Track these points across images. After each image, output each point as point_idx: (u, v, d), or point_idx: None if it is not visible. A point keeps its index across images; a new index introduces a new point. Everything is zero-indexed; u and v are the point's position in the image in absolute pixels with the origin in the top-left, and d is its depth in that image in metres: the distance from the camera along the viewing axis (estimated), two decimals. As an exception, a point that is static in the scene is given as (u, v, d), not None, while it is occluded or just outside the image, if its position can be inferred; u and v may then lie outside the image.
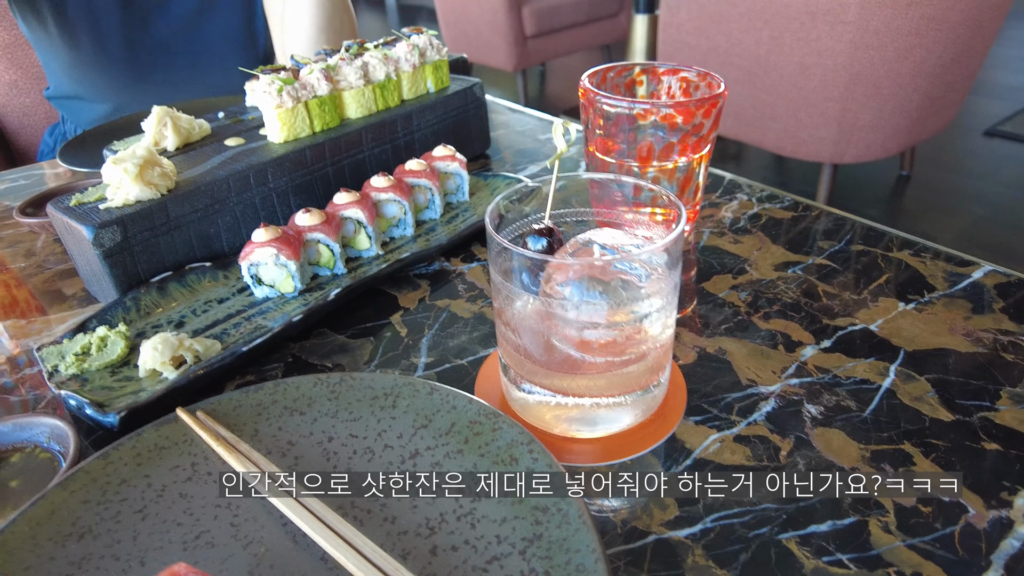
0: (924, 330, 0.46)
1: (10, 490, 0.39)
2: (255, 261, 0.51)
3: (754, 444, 0.38)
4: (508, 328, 0.38)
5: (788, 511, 0.34)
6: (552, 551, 0.30)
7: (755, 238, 0.59)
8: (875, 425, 0.39)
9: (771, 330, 0.47)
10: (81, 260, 0.56)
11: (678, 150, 0.54)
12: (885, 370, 0.43)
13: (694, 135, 0.53)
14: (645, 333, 0.37)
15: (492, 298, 0.40)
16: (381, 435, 0.37)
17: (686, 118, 0.52)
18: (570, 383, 0.38)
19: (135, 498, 0.35)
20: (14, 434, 0.42)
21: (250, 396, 0.40)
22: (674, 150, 0.54)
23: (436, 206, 0.63)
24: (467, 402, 0.38)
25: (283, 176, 0.60)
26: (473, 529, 0.32)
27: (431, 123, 0.72)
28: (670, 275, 0.36)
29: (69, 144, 0.88)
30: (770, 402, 0.41)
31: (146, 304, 0.53)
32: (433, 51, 0.74)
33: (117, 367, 0.47)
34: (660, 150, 0.54)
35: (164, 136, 0.64)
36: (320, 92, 0.64)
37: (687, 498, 0.35)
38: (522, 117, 0.93)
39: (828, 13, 1.89)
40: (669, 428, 0.39)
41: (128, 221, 0.52)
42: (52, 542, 0.33)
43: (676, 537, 0.33)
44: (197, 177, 0.56)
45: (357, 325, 0.51)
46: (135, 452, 0.37)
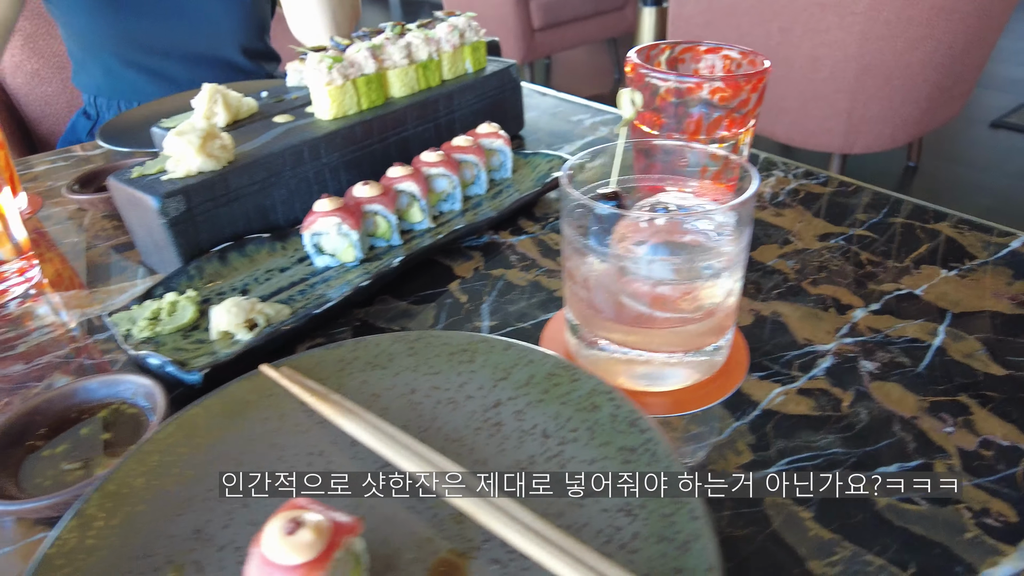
0: (968, 294, 0.48)
1: (104, 442, 0.41)
2: (318, 230, 0.53)
3: (816, 396, 0.40)
4: (580, 286, 0.40)
5: (856, 455, 0.36)
6: (645, 486, 0.31)
7: (795, 211, 0.61)
8: (930, 379, 0.41)
9: (821, 295, 0.49)
10: (141, 231, 0.57)
11: (724, 125, 0.55)
12: (934, 330, 0.45)
13: (740, 111, 0.55)
14: (714, 291, 0.38)
15: (563, 258, 0.41)
16: (462, 387, 0.39)
17: (734, 92, 0.53)
18: (641, 339, 0.40)
19: (229, 446, 0.37)
20: (101, 391, 0.43)
21: (331, 352, 0.41)
22: (720, 125, 0.56)
23: (482, 182, 0.65)
24: (543, 356, 0.39)
25: (334, 152, 0.62)
26: (563, 468, 0.34)
27: (470, 103, 0.74)
28: (740, 235, 0.38)
29: (106, 126, 0.89)
30: (827, 359, 0.43)
31: (209, 272, 0.54)
32: (472, 32, 0.75)
33: (188, 331, 0.49)
34: (707, 125, 0.55)
35: (215, 112, 0.65)
36: (367, 70, 0.65)
37: (759, 443, 0.37)
38: (553, 100, 0.95)
39: (838, 4, 1.91)
40: (735, 383, 0.41)
41: (192, 191, 0.53)
42: (156, 486, 0.35)
43: (754, 478, 0.35)
44: (254, 151, 0.58)
45: (417, 293, 0.53)
46: (224, 405, 0.39)
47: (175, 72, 1.14)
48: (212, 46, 1.16)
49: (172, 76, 1.14)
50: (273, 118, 0.65)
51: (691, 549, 0.28)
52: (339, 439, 0.37)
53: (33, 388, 0.48)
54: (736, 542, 0.32)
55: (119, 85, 1.15)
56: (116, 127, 0.90)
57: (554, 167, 0.68)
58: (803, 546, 0.32)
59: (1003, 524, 0.32)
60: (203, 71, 1.15)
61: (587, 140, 0.81)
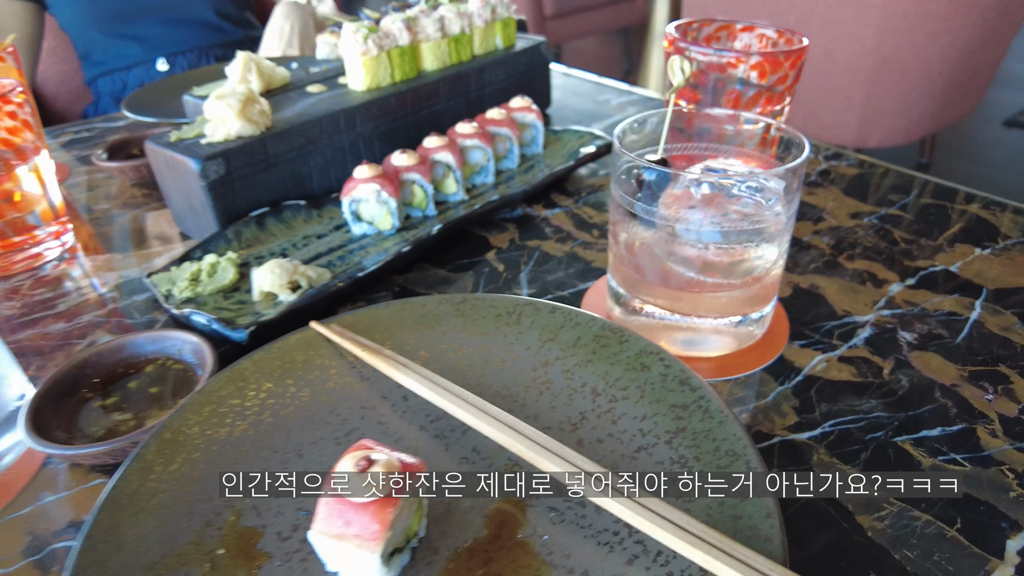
0: (1003, 271, 0.49)
1: (152, 395, 0.41)
2: (357, 197, 0.53)
3: (857, 363, 0.40)
4: (627, 251, 0.41)
5: (899, 419, 0.37)
6: (698, 440, 0.32)
7: (827, 191, 0.61)
8: (969, 350, 0.41)
9: (857, 269, 0.50)
10: (178, 195, 0.58)
11: (761, 102, 0.56)
12: (971, 304, 0.45)
13: (777, 88, 0.55)
14: (762, 257, 0.39)
15: (611, 223, 0.42)
16: (510, 347, 0.40)
17: (773, 68, 0.54)
18: (687, 304, 0.40)
19: (281, 399, 0.37)
20: (148, 346, 0.44)
21: (380, 311, 0.42)
22: (757, 102, 0.56)
23: (514, 156, 0.65)
24: (590, 319, 0.40)
25: (369, 122, 0.62)
26: (615, 424, 0.34)
27: (501, 78, 0.74)
28: (789, 202, 0.38)
29: (130, 98, 0.90)
30: (866, 329, 0.43)
31: (247, 237, 0.54)
32: (503, 8, 0.75)
33: (228, 292, 0.49)
34: (745, 101, 0.56)
35: (248, 80, 0.66)
36: (401, 42, 0.65)
37: (804, 407, 0.37)
38: (578, 81, 0.95)
39: (856, -4, 1.90)
40: (777, 350, 0.42)
41: (231, 155, 0.54)
42: (210, 435, 0.35)
43: (799, 439, 0.36)
44: (292, 117, 0.58)
45: (454, 261, 0.53)
46: (273, 359, 0.39)
47: (155, 34, 1.21)
48: (184, 7, 1.23)
49: (153, 38, 1.21)
50: (306, 88, 0.66)
51: (749, 498, 0.29)
52: (389, 394, 0.37)
53: (76, 345, 0.48)
54: (786, 497, 0.33)
55: (107, 56, 1.22)
56: (140, 98, 0.90)
57: (585, 142, 0.68)
58: (852, 502, 0.32)
59: (1049, 485, 0.32)
60: (181, 31, 1.22)
61: (614, 119, 0.81)
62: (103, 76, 1.24)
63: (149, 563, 0.29)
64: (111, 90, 1.24)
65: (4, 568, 0.32)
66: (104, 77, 1.24)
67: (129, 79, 1.23)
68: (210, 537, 0.31)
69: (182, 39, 1.23)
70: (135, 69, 1.23)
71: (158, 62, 1.23)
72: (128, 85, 1.24)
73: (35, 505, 0.36)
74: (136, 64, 1.22)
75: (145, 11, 1.21)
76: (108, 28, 1.20)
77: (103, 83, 1.24)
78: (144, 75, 1.23)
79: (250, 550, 0.30)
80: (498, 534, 0.30)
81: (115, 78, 1.24)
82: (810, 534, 0.31)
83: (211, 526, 0.31)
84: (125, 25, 1.21)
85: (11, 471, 0.38)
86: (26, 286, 0.56)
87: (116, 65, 1.23)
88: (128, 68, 1.23)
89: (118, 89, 1.24)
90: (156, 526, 0.31)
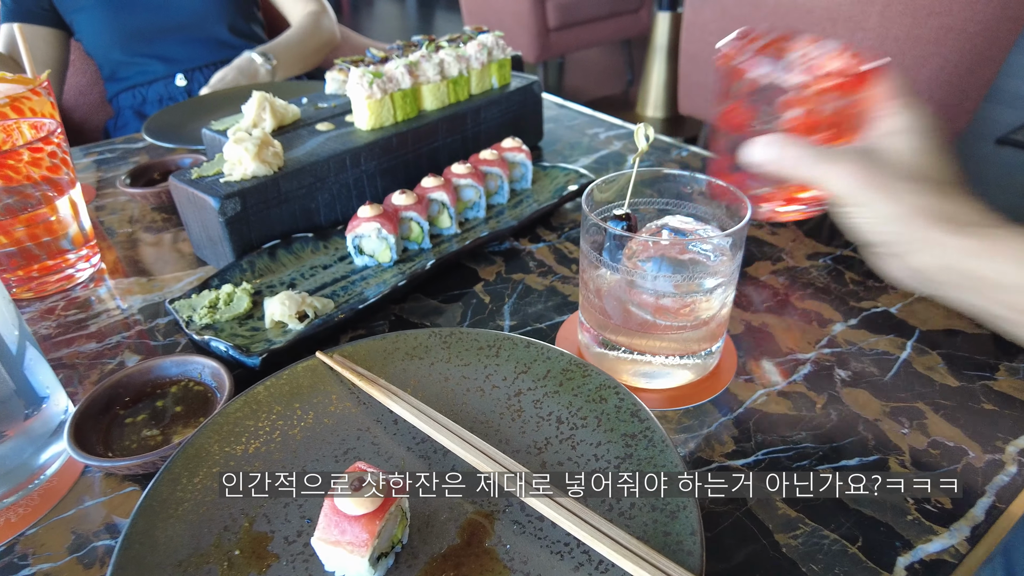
0: (936, 314, 0.54)
1: (176, 413, 0.47)
2: (360, 233, 0.59)
3: (794, 398, 0.46)
4: (594, 294, 0.46)
5: (823, 449, 0.42)
6: (642, 466, 0.38)
7: (790, 231, 0.67)
8: (894, 387, 0.47)
9: (806, 309, 0.55)
10: (197, 226, 0.64)
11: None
12: (903, 344, 0.51)
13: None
14: (709, 304, 0.45)
15: (580, 269, 0.47)
16: (488, 378, 0.45)
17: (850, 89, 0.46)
18: (644, 343, 0.46)
19: (289, 421, 0.43)
20: (173, 369, 0.50)
21: (376, 343, 0.48)
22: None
23: (504, 192, 0.71)
24: (559, 354, 0.46)
25: (373, 160, 0.68)
26: (574, 450, 0.40)
27: (495, 116, 0.80)
28: (734, 257, 0.44)
29: (150, 122, 0.96)
30: (807, 366, 0.49)
31: (260, 267, 0.60)
32: (499, 50, 0.81)
33: (243, 319, 0.55)
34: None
35: (263, 118, 0.72)
36: (404, 85, 0.71)
37: (742, 436, 0.43)
38: (570, 113, 1.01)
39: (849, 19, 1.96)
40: (723, 384, 0.47)
41: (247, 193, 0.60)
42: (227, 452, 0.41)
43: (734, 465, 0.41)
44: (302, 157, 0.64)
45: (445, 292, 0.59)
46: (284, 385, 0.45)
47: (174, 52, 1.29)
48: (200, 27, 1.30)
49: (172, 56, 1.29)
50: (316, 125, 0.72)
51: (678, 517, 0.34)
52: (382, 418, 0.43)
53: (107, 364, 0.54)
54: (716, 516, 0.38)
55: (129, 73, 1.30)
56: (159, 122, 0.96)
57: (570, 180, 0.74)
58: (772, 521, 0.38)
59: (939, 510, 0.38)
60: (198, 48, 1.30)
61: (602, 153, 0.87)
62: (124, 92, 1.31)
63: (178, 561, 0.35)
64: (131, 104, 1.32)
65: (54, 562, 0.38)
66: (125, 92, 1.31)
67: (148, 93, 1.31)
68: (228, 540, 0.36)
69: (199, 56, 1.31)
70: (155, 84, 1.30)
71: (177, 77, 1.30)
72: (147, 99, 1.31)
73: (77, 508, 0.42)
74: (156, 80, 1.30)
75: (165, 31, 1.29)
76: (130, 48, 1.28)
77: (124, 98, 1.31)
78: (163, 90, 1.30)
79: (261, 551, 0.36)
80: (469, 542, 0.35)
81: (135, 92, 1.31)
82: (734, 548, 0.37)
83: (228, 531, 0.37)
84: (146, 44, 1.28)
85: (56, 477, 0.44)
86: (60, 307, 0.62)
87: (137, 81, 1.31)
88: (148, 83, 1.30)
89: (138, 103, 1.32)
90: (183, 529, 0.37)
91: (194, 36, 1.31)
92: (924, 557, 0.35)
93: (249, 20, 1.39)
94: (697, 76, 2.50)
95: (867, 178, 0.43)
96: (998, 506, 0.38)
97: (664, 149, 0.87)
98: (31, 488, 0.43)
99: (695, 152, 0.86)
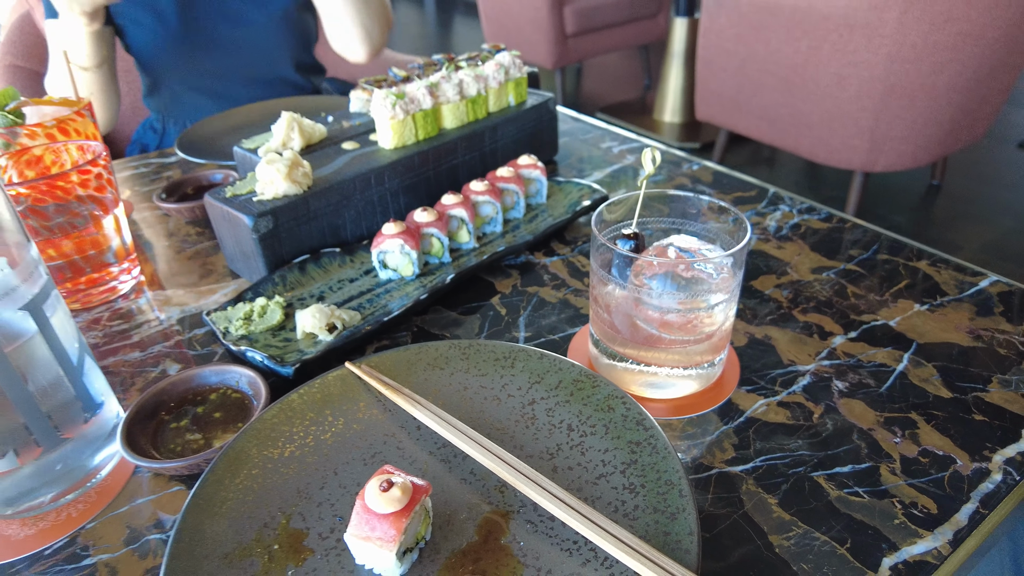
0: (934, 327, 0.57)
1: (216, 419, 0.51)
2: (384, 249, 0.63)
3: (793, 408, 0.49)
4: (603, 309, 0.50)
5: (819, 457, 0.45)
6: (645, 471, 0.41)
7: (795, 244, 0.69)
8: (889, 398, 0.50)
9: (808, 322, 0.58)
10: (231, 242, 0.68)
11: None
12: (900, 357, 0.53)
13: None
14: (712, 319, 0.48)
15: (590, 286, 0.51)
16: (504, 387, 0.49)
17: None
18: (650, 355, 0.49)
19: (321, 427, 0.47)
20: (212, 377, 0.54)
21: (401, 354, 0.51)
22: None
23: (520, 207, 0.75)
24: (570, 366, 0.49)
25: (396, 178, 0.72)
26: (583, 456, 0.43)
27: (512, 133, 0.83)
28: (735, 275, 0.47)
29: (182, 137, 1.01)
30: (806, 378, 0.52)
31: (291, 281, 0.64)
32: (515, 69, 0.84)
33: (276, 330, 0.59)
34: None
35: (292, 138, 0.76)
36: (425, 106, 0.75)
37: (741, 443, 0.46)
38: (585, 126, 1.04)
39: (867, 26, 1.97)
40: (726, 394, 0.50)
41: (279, 212, 0.64)
42: (265, 455, 0.45)
43: (733, 471, 0.44)
44: (329, 176, 0.68)
45: (464, 304, 0.63)
46: (316, 393, 0.49)
47: (235, 92, 1.26)
48: (268, 68, 1.28)
49: (232, 96, 1.26)
50: (342, 144, 0.76)
51: (678, 519, 0.37)
52: (406, 424, 0.47)
53: (150, 372, 0.58)
54: (715, 518, 0.41)
55: (183, 106, 1.28)
56: (190, 138, 1.01)
57: (584, 195, 0.77)
58: (767, 524, 0.41)
59: (925, 515, 0.41)
60: (260, 90, 1.27)
61: (615, 167, 0.90)
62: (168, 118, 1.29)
63: (223, 553, 0.39)
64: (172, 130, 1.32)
65: (112, 553, 0.42)
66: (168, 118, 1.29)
67: (188, 123, 1.28)
68: (267, 535, 0.40)
69: (257, 96, 1.24)
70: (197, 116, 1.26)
71: None
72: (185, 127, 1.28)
73: (129, 505, 0.46)
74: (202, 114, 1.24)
75: (232, 71, 1.24)
76: (190, 82, 1.24)
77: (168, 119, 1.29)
78: None
79: (298, 546, 0.40)
80: (486, 539, 0.39)
81: (177, 119, 1.29)
82: (730, 548, 0.40)
83: (268, 527, 0.41)
84: (207, 81, 1.25)
85: (110, 477, 0.48)
86: (104, 317, 0.66)
87: (182, 114, 1.27)
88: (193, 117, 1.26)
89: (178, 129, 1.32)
90: (227, 525, 0.40)
91: (258, 76, 1.27)
92: (908, 558, 0.38)
93: (311, 53, 1.34)
94: (714, 82, 2.52)
95: None
96: (981, 511, 0.41)
97: (675, 163, 0.90)
98: (88, 486, 0.47)
99: (706, 166, 0.89)
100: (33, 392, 0.42)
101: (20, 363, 0.41)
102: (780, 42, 2.21)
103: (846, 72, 2.05)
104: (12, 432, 0.42)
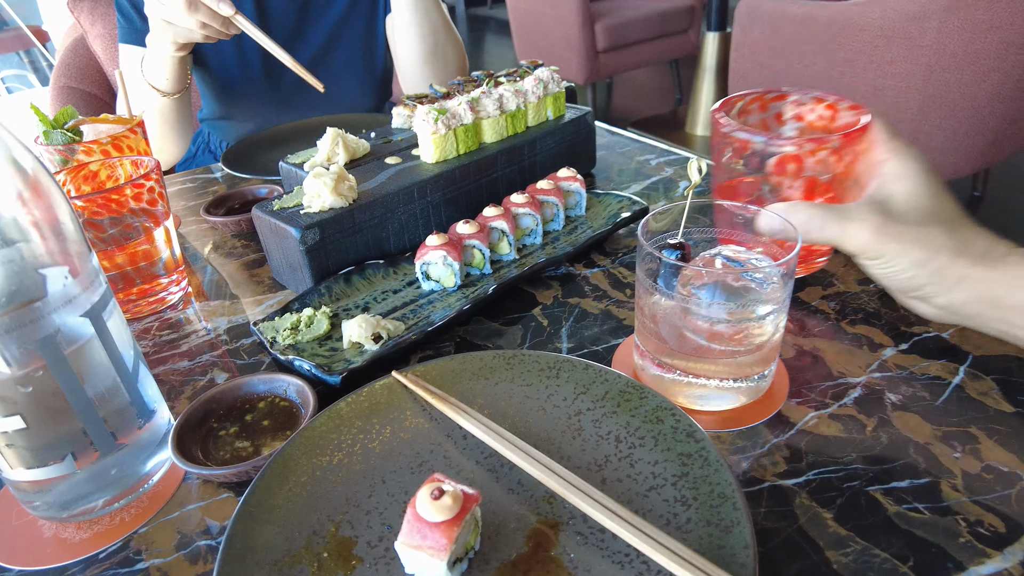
0: (990, 339, 0.55)
1: (264, 427, 0.52)
2: (428, 261, 0.64)
3: (845, 421, 0.48)
4: (650, 320, 0.49)
5: (874, 470, 0.44)
6: (697, 484, 0.40)
7: (841, 257, 0.68)
8: (946, 412, 0.48)
9: (856, 333, 0.57)
10: (277, 254, 0.69)
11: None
12: (955, 370, 0.52)
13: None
14: (761, 330, 0.47)
15: (636, 296, 0.50)
16: (550, 397, 0.49)
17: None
18: (699, 367, 0.48)
19: (369, 435, 0.47)
20: (261, 386, 0.54)
21: (446, 364, 0.51)
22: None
23: (560, 219, 0.75)
24: (616, 376, 0.48)
25: (438, 191, 0.72)
26: (632, 467, 0.43)
27: (550, 147, 0.84)
28: (785, 285, 0.46)
29: (228, 153, 1.03)
30: (857, 390, 0.51)
31: (336, 292, 0.65)
32: (554, 84, 0.85)
33: (322, 340, 0.60)
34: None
35: (336, 153, 0.77)
36: (466, 121, 0.76)
37: (793, 457, 0.45)
38: (622, 140, 1.04)
39: (905, 36, 1.94)
40: (776, 406, 0.49)
41: (325, 224, 0.65)
42: (314, 463, 0.45)
43: (786, 485, 0.43)
44: (374, 190, 0.69)
45: (506, 315, 0.63)
46: (363, 402, 0.49)
47: None
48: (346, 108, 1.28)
49: None
50: (385, 159, 0.77)
51: (732, 532, 0.37)
52: (452, 433, 0.47)
53: (199, 381, 0.60)
54: (769, 532, 0.40)
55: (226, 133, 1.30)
56: (235, 153, 1.03)
57: (623, 207, 0.77)
58: (823, 539, 0.40)
59: (992, 533, 0.39)
60: None
61: (653, 180, 0.90)
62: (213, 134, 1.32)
63: (273, 560, 0.39)
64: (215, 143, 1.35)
65: (164, 558, 0.43)
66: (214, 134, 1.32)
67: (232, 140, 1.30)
68: (317, 543, 0.40)
69: None
70: None
71: None
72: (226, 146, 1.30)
73: (180, 511, 0.47)
74: None
75: (306, 114, 1.23)
76: (253, 112, 1.26)
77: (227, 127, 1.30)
78: None
79: (347, 554, 0.40)
80: (535, 551, 0.38)
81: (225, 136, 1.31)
82: (786, 563, 0.39)
83: (317, 535, 0.41)
84: (272, 115, 1.25)
85: (162, 483, 0.49)
86: (154, 327, 0.68)
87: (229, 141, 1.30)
88: None
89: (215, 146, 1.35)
90: (277, 532, 0.41)
91: None
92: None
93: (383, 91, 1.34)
94: (747, 95, 2.50)
95: (881, 230, 0.46)
96: (1052, 531, 0.39)
97: (715, 175, 0.89)
98: (140, 492, 0.48)
99: (746, 177, 0.88)
100: (91, 397, 0.43)
101: (80, 368, 0.42)
102: (815, 55, 2.18)
103: (883, 83, 2.02)
104: (71, 436, 0.43)
